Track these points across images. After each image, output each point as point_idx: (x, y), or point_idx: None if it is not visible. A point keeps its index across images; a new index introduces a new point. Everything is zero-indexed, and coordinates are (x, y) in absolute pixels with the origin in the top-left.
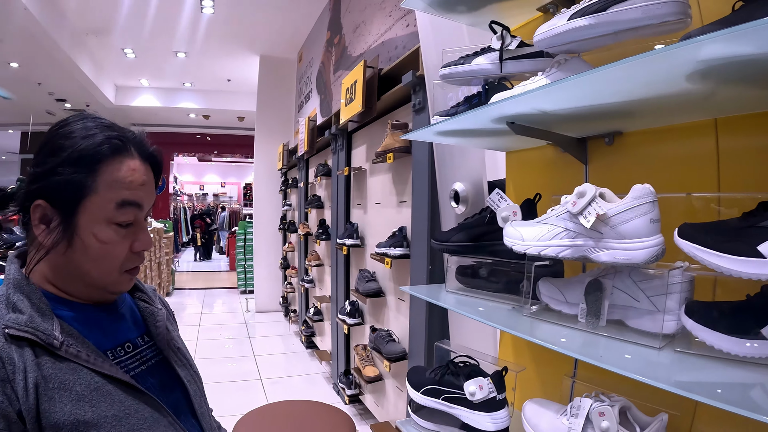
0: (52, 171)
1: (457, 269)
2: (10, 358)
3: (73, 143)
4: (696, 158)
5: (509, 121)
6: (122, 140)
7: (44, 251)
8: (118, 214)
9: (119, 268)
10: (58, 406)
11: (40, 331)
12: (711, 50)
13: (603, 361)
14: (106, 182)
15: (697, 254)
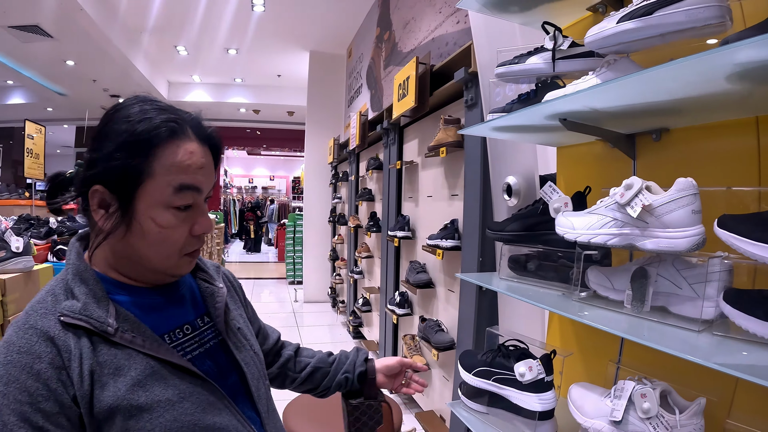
0: (109, 156)
1: (509, 258)
2: (66, 345)
3: (129, 127)
4: (738, 154)
5: (561, 117)
6: (179, 123)
7: (103, 236)
8: (176, 199)
9: (179, 252)
10: (111, 391)
11: (93, 318)
12: (746, 54)
13: (646, 339)
14: (163, 166)
15: (735, 243)
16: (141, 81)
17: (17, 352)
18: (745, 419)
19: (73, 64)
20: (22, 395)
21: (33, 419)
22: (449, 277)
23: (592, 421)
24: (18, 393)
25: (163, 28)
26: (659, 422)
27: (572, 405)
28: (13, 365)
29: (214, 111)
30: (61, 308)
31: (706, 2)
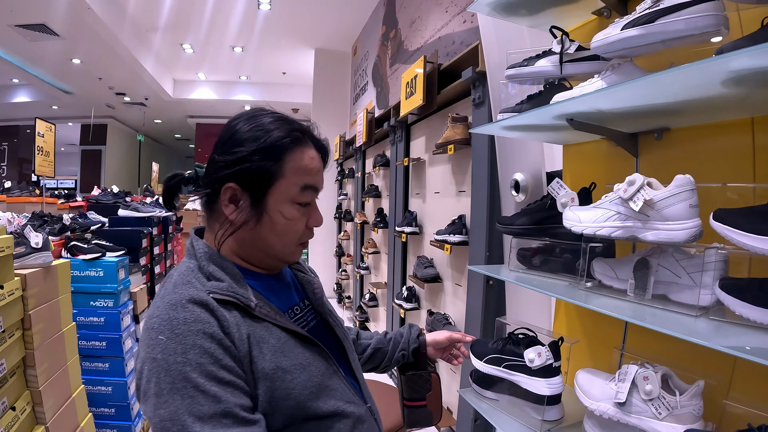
0: (243, 159)
1: (518, 251)
2: (223, 315)
3: (259, 135)
4: (734, 152)
5: (569, 118)
6: (302, 132)
7: (233, 228)
8: (300, 196)
9: (297, 241)
10: (262, 355)
11: (239, 294)
12: (738, 63)
13: (648, 323)
14: (292, 169)
15: (729, 234)
16: (147, 79)
17: (183, 324)
18: (742, 400)
19: (79, 63)
20: (203, 357)
21: (219, 375)
22: (457, 271)
23: (598, 403)
24: (198, 357)
25: (171, 27)
26: (661, 403)
27: (579, 389)
28: (184, 335)
29: (219, 108)
30: (209, 287)
31: (705, 11)
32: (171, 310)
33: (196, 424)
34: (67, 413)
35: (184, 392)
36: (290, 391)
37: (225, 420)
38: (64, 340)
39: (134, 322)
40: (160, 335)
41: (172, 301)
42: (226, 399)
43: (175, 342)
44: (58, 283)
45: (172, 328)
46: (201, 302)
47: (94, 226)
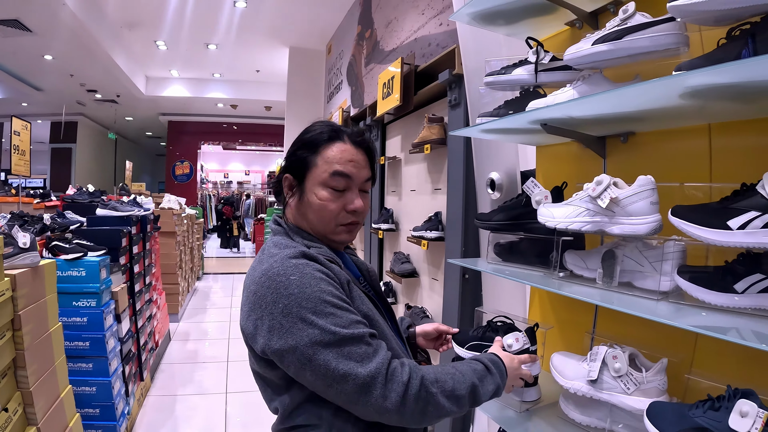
0: (294, 154)
1: (494, 245)
2: (330, 266)
3: (304, 136)
4: (693, 155)
5: (543, 123)
6: (336, 131)
7: (292, 211)
8: (331, 181)
9: (334, 221)
10: (356, 299)
11: (335, 257)
12: (694, 80)
13: (615, 304)
14: (322, 158)
15: (684, 227)
16: (119, 75)
17: (308, 267)
18: (703, 375)
19: (51, 59)
20: (330, 287)
21: (344, 301)
22: (433, 266)
23: (572, 382)
24: (327, 286)
25: (144, 23)
26: (629, 379)
27: (554, 370)
28: (311, 276)
29: (191, 106)
30: (314, 251)
31: (667, 30)
32: (292, 260)
33: (342, 329)
34: (57, 413)
35: (326, 311)
36: (376, 328)
37: (358, 324)
38: (52, 340)
39: (116, 321)
40: (291, 276)
41: (289, 254)
42: (353, 312)
43: (306, 279)
44: (45, 283)
45: (299, 270)
46: (311, 256)
47: (73, 225)
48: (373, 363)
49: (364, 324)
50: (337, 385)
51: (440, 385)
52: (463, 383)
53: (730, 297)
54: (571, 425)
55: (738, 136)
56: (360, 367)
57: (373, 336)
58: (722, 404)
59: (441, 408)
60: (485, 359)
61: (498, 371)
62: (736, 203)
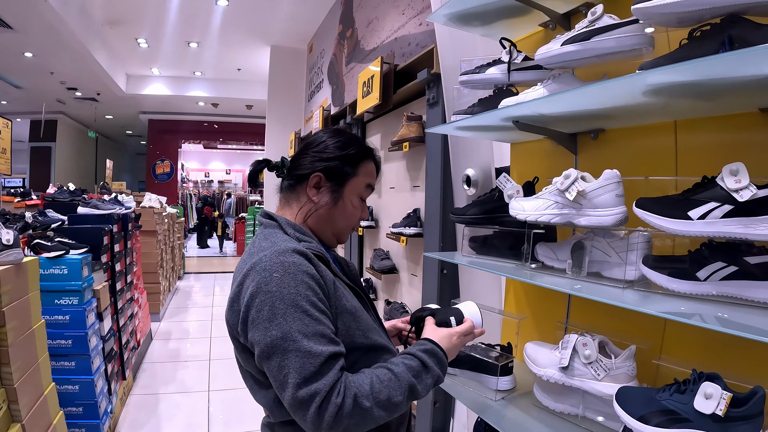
0: (333, 159)
1: (470, 238)
2: (316, 263)
3: (344, 147)
4: (660, 150)
5: (515, 120)
6: (371, 150)
7: (317, 207)
8: (364, 192)
9: (354, 225)
10: (341, 295)
11: (324, 253)
12: (654, 78)
13: (583, 292)
14: (363, 172)
15: (647, 218)
16: (100, 73)
17: (293, 265)
18: (671, 360)
19: (31, 56)
20: (308, 291)
21: (319, 305)
22: (412, 262)
23: (545, 370)
24: (305, 289)
25: (126, 21)
26: (599, 366)
27: (527, 359)
28: (294, 273)
29: (172, 104)
30: (304, 245)
31: (633, 32)
32: (280, 256)
33: (304, 339)
34: (41, 411)
35: (295, 315)
36: (360, 324)
37: (322, 338)
38: (35, 337)
39: (98, 319)
40: (274, 273)
41: (279, 249)
42: (324, 322)
43: (288, 278)
44: (28, 280)
45: (285, 268)
46: (302, 252)
47: (55, 224)
48: (315, 384)
49: (329, 340)
50: (281, 391)
51: (375, 397)
52: (398, 389)
53: (693, 284)
54: (546, 412)
55: (702, 133)
56: (302, 384)
57: (335, 356)
58: (688, 387)
59: (377, 419)
60: (421, 354)
61: (436, 361)
62: (697, 195)
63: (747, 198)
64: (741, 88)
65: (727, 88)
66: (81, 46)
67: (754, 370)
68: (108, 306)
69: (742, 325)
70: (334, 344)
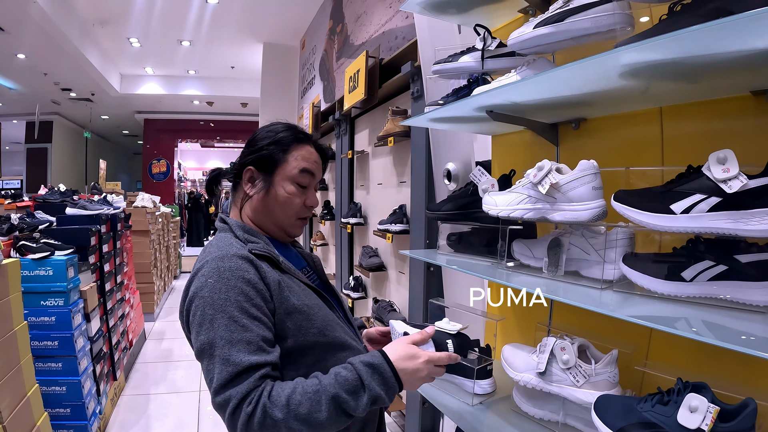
0: (262, 149)
1: (447, 235)
2: (260, 265)
3: (272, 135)
4: (645, 140)
5: (488, 110)
6: (305, 135)
7: (249, 200)
8: (299, 177)
9: (296, 215)
10: (290, 295)
11: (271, 252)
12: (630, 57)
13: (560, 296)
14: (293, 156)
15: (626, 213)
16: (93, 74)
17: (229, 271)
18: (657, 367)
19: (24, 58)
20: (240, 296)
21: (250, 311)
22: (399, 259)
23: (522, 374)
24: (236, 295)
25: (116, 20)
26: (578, 371)
27: (504, 362)
28: (228, 279)
29: (167, 103)
30: (249, 246)
31: (609, 11)
32: (219, 261)
33: (226, 346)
34: (23, 413)
35: (221, 322)
36: (314, 321)
37: (247, 346)
38: (17, 339)
39: (85, 320)
40: (209, 279)
41: (220, 255)
42: (252, 330)
43: (220, 284)
44: (8, 282)
45: (219, 273)
46: (243, 256)
47: (42, 225)
48: (230, 392)
49: (256, 348)
50: (210, 392)
51: (292, 410)
52: (320, 403)
53: (678, 285)
54: (525, 418)
55: (689, 120)
56: (219, 390)
57: (255, 366)
58: (671, 398)
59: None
60: (361, 367)
61: (378, 379)
62: (681, 186)
63: (736, 189)
64: (727, 68)
65: (711, 68)
66: (72, 47)
67: (746, 378)
68: (96, 307)
69: (734, 332)
70: (260, 353)
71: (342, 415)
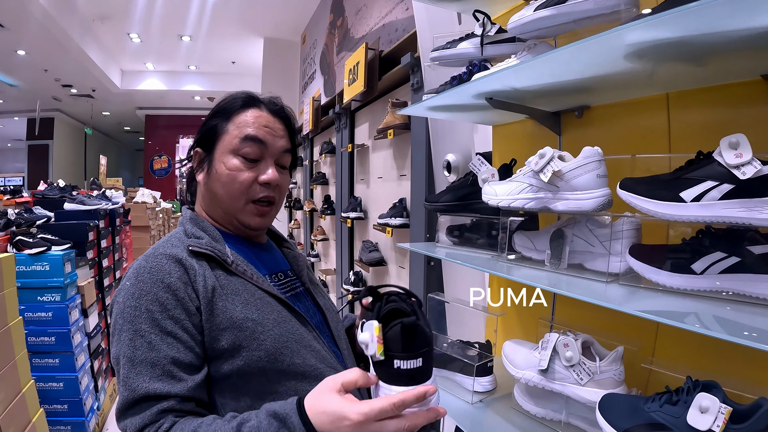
0: (204, 125)
1: (446, 228)
2: (192, 266)
3: (218, 105)
4: (651, 128)
5: (488, 96)
6: (251, 97)
7: (198, 188)
8: (241, 146)
9: (245, 195)
10: (231, 306)
11: (217, 250)
12: (634, 36)
13: (563, 289)
14: (235, 124)
15: (632, 201)
16: (94, 70)
17: (148, 273)
18: (664, 365)
19: (24, 54)
20: (153, 305)
21: (163, 325)
22: (400, 254)
23: (523, 372)
24: (149, 303)
25: (116, 15)
26: (582, 369)
27: (505, 359)
28: (144, 282)
29: (168, 99)
30: (188, 242)
31: None
32: (142, 260)
33: (127, 366)
34: (18, 409)
35: (127, 335)
36: (261, 342)
37: (151, 369)
38: (11, 334)
39: (83, 316)
40: (127, 281)
41: (147, 254)
42: (160, 349)
43: (135, 287)
44: (2, 277)
45: (137, 275)
46: (170, 255)
47: (40, 220)
48: (128, 420)
49: (162, 373)
50: None
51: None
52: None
53: (688, 278)
54: (526, 417)
55: (698, 107)
56: (120, 414)
57: (153, 398)
58: (680, 398)
59: None
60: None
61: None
62: (691, 173)
63: (750, 175)
64: (737, 48)
65: (720, 48)
66: (72, 43)
67: (758, 376)
68: (94, 302)
69: (746, 328)
70: (165, 380)
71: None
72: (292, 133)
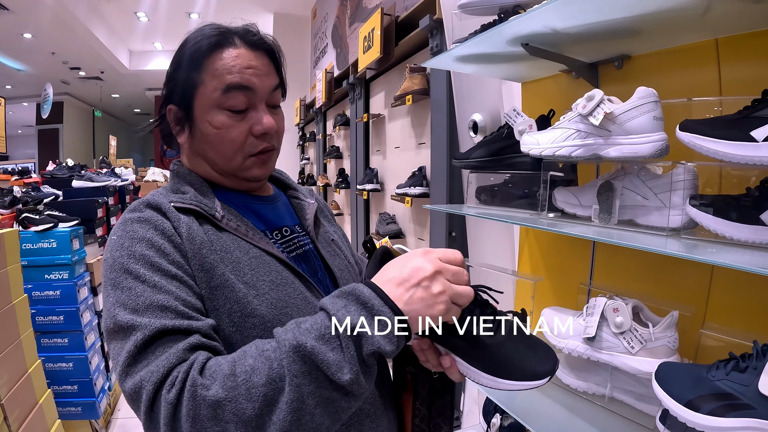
0: (171, 78)
1: (476, 190)
2: (178, 218)
3: (184, 50)
4: (699, 79)
5: (524, 42)
6: (222, 33)
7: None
8: (225, 99)
9: (241, 152)
10: (220, 266)
11: (203, 204)
12: None
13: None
14: (209, 73)
15: (696, 143)
16: (102, 51)
17: (137, 222)
18: (719, 330)
19: (30, 37)
20: (149, 250)
21: (164, 267)
22: (419, 225)
23: (566, 341)
24: (144, 249)
25: None
26: (633, 336)
27: (545, 328)
28: (135, 231)
29: None
30: (171, 198)
31: None
32: (127, 213)
33: (128, 312)
34: (24, 389)
35: (123, 284)
36: (255, 307)
37: (162, 311)
38: (16, 312)
39: (92, 294)
40: (113, 236)
41: (132, 207)
42: (168, 290)
43: (124, 238)
44: (5, 253)
45: (125, 226)
46: (155, 205)
47: (47, 198)
48: (140, 373)
49: (175, 314)
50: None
51: (241, 382)
52: (268, 363)
53: (756, 229)
54: (566, 391)
55: (753, 56)
56: (126, 372)
57: (173, 331)
58: (749, 364)
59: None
60: (327, 302)
61: (354, 305)
62: (760, 111)
63: None
64: None
65: None
66: (79, 24)
67: None
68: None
69: None
70: (179, 317)
71: (308, 383)
72: (278, 64)
